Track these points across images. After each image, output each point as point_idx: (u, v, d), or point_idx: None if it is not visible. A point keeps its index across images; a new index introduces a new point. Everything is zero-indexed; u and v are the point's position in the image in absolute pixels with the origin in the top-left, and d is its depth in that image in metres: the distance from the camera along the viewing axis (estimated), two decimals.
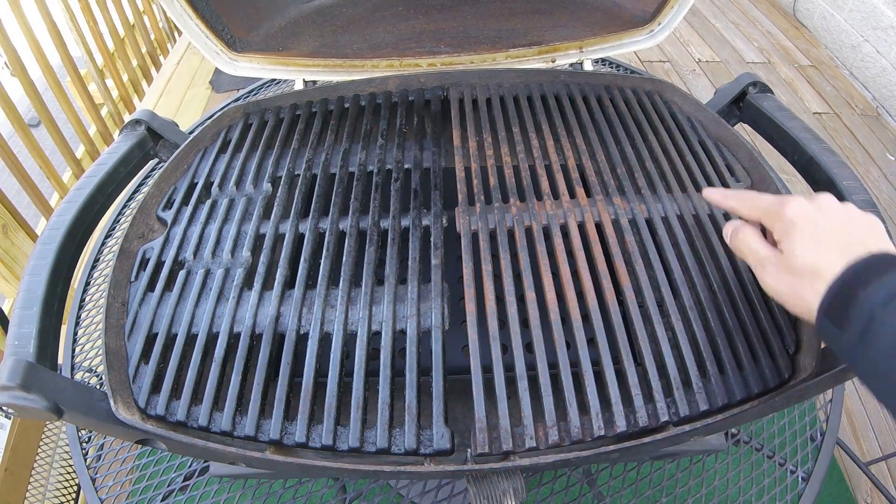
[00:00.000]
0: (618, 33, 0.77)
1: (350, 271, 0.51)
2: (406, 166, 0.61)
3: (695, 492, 0.58)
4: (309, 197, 0.58)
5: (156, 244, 0.54)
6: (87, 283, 0.75)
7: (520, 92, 0.68)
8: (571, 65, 0.79)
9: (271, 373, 0.45)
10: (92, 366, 0.67)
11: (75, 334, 0.70)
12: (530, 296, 0.48)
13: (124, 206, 0.84)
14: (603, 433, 0.41)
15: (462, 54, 0.76)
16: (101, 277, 0.76)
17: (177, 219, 0.56)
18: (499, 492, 0.41)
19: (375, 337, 0.47)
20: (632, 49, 0.77)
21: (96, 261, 0.77)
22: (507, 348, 0.46)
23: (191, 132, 0.70)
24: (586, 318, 0.47)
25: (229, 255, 0.53)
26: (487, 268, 0.50)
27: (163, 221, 0.57)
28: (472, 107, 0.66)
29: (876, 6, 2.03)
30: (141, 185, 0.86)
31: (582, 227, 0.53)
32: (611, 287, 0.48)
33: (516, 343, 0.45)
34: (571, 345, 0.45)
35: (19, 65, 1.37)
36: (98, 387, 0.59)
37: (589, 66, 0.79)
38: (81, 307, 0.72)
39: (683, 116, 0.65)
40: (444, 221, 0.55)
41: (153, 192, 0.58)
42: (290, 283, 0.50)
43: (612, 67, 1.03)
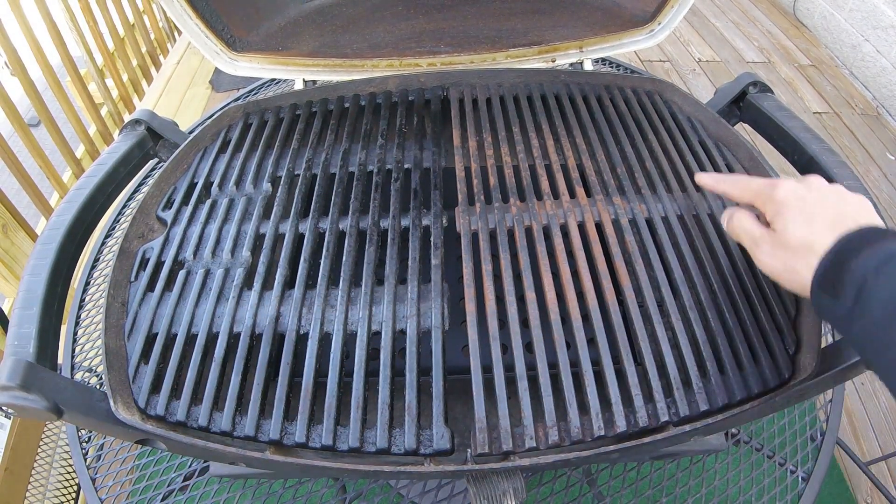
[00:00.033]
0: (618, 33, 0.77)
1: (350, 271, 0.51)
2: (406, 166, 0.61)
3: (695, 492, 0.59)
4: (309, 197, 0.58)
5: (156, 244, 0.54)
6: (87, 283, 0.75)
7: (520, 92, 0.68)
8: (571, 64, 0.79)
9: (271, 373, 0.45)
10: (92, 366, 0.67)
11: (75, 334, 0.70)
12: (530, 296, 0.48)
13: (124, 206, 0.84)
14: (603, 433, 0.41)
15: (462, 54, 0.76)
16: (101, 277, 0.76)
17: (177, 219, 0.56)
18: (499, 492, 0.41)
19: (375, 337, 0.47)
20: (632, 49, 0.77)
21: (96, 261, 0.77)
22: (507, 348, 0.46)
23: (191, 132, 0.69)
24: (586, 318, 0.47)
25: (229, 254, 0.53)
26: (487, 268, 0.50)
27: (163, 221, 0.57)
28: (472, 106, 0.66)
29: (876, 6, 2.03)
30: (141, 185, 0.86)
31: (582, 227, 0.53)
32: (611, 287, 0.48)
33: (516, 343, 0.45)
34: (571, 345, 0.45)
35: (19, 64, 1.37)
36: (98, 387, 0.59)
37: (589, 66, 0.79)
38: (81, 307, 0.72)
39: (683, 116, 0.65)
40: (444, 221, 0.55)
41: (153, 192, 0.58)
42: (290, 283, 0.50)
43: (612, 67, 1.03)
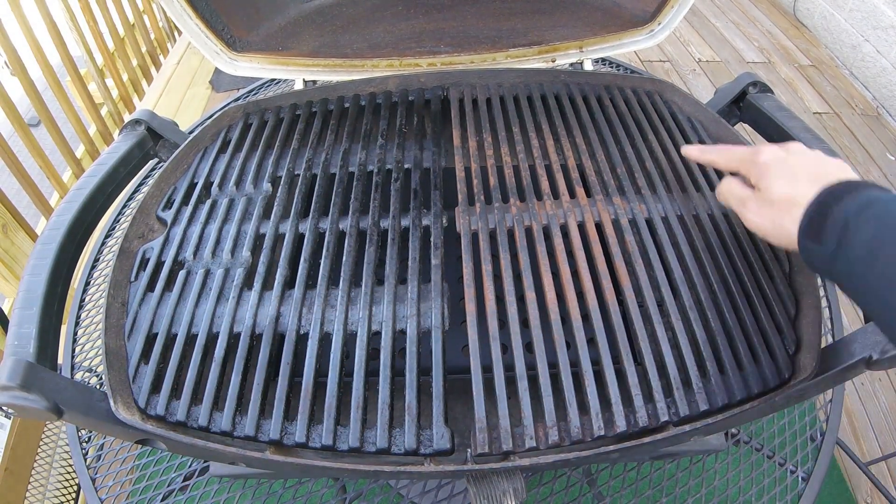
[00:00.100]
0: (618, 33, 0.77)
1: (350, 271, 0.51)
2: (406, 166, 0.61)
3: (695, 492, 0.59)
4: (309, 197, 0.58)
5: (156, 244, 0.54)
6: (87, 283, 0.75)
7: (520, 92, 0.68)
8: (571, 64, 0.79)
9: (271, 373, 0.45)
10: (92, 366, 0.67)
11: (75, 334, 0.70)
12: (530, 296, 0.48)
13: (124, 206, 0.84)
14: (603, 433, 0.41)
15: (462, 54, 0.76)
16: (101, 277, 0.76)
17: (177, 219, 0.56)
18: (499, 492, 0.41)
19: (375, 337, 0.47)
20: (632, 49, 0.77)
21: (96, 261, 0.77)
22: (507, 348, 0.46)
23: (191, 132, 0.69)
24: (586, 317, 0.47)
25: (229, 254, 0.53)
26: (487, 268, 0.50)
27: (163, 221, 0.57)
28: (472, 107, 0.66)
29: (876, 6, 2.03)
30: (141, 185, 0.86)
31: (582, 227, 0.53)
32: (611, 287, 0.48)
33: (516, 343, 0.45)
34: (571, 345, 0.45)
35: (19, 64, 1.37)
36: (98, 387, 0.59)
37: (589, 66, 0.79)
38: (81, 307, 0.72)
39: (683, 116, 0.65)
40: (444, 221, 0.55)
41: (153, 192, 0.58)
42: (290, 283, 0.50)
43: (612, 67, 1.03)
